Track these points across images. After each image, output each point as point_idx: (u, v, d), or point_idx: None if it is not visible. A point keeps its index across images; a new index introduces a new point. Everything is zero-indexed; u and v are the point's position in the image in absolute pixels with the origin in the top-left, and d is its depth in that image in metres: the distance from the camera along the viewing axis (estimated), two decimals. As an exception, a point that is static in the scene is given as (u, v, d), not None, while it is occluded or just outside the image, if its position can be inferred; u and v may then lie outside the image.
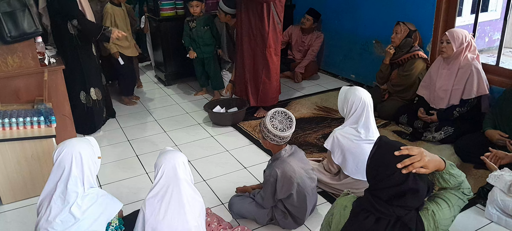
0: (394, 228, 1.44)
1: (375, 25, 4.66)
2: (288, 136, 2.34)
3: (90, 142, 2.01)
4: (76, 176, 1.85)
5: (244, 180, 2.99)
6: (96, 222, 1.90)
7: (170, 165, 1.91)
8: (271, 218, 2.49)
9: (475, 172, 2.98)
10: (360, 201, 1.55)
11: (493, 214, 2.45)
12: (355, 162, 2.62)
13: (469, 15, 6.10)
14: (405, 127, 3.75)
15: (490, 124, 3.11)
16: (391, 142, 1.51)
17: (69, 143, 1.91)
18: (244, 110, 4.08)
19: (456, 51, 3.30)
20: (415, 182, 1.40)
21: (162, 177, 1.91)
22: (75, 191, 1.85)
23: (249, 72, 4.01)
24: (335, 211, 1.62)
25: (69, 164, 1.85)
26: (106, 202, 1.95)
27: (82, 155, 1.87)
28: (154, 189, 1.92)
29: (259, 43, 3.85)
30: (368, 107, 2.60)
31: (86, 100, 3.71)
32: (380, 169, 1.43)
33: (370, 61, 4.79)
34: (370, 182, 1.50)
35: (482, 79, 3.27)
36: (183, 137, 3.80)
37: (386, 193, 1.42)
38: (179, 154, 1.98)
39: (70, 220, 1.83)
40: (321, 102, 4.50)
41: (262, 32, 3.79)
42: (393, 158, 1.42)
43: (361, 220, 1.47)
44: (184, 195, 1.92)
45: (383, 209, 1.43)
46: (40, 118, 2.75)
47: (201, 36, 4.50)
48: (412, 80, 3.83)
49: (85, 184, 1.88)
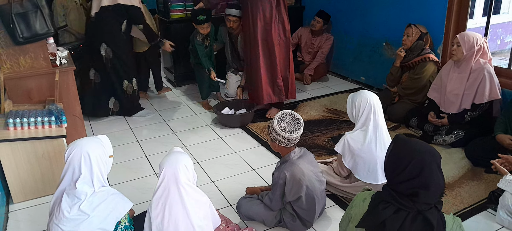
0: (415, 221, 1.45)
1: (385, 27, 4.63)
2: (296, 138, 2.33)
3: (102, 141, 2.01)
4: (85, 176, 1.86)
5: (253, 182, 2.99)
6: (106, 221, 1.91)
7: (171, 168, 1.92)
8: (279, 220, 2.48)
9: (486, 177, 2.95)
10: (379, 194, 1.57)
11: (504, 219, 2.41)
12: (366, 166, 2.60)
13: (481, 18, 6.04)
14: (415, 130, 3.71)
15: (501, 128, 3.07)
16: (407, 138, 1.57)
17: (79, 143, 1.92)
18: (252, 112, 4.08)
19: (466, 54, 3.26)
20: (430, 174, 1.43)
21: (163, 180, 1.92)
22: (85, 190, 1.86)
23: (268, 71, 3.97)
24: (354, 203, 1.64)
25: (78, 164, 1.86)
26: (116, 201, 1.96)
27: (91, 154, 1.88)
28: (157, 192, 1.93)
29: (282, 35, 3.92)
30: (375, 108, 2.58)
31: (128, 89, 4.19)
32: (397, 163, 1.48)
33: (380, 63, 4.76)
34: (388, 177, 1.54)
35: (495, 84, 3.22)
36: (192, 138, 3.81)
37: (404, 187, 1.45)
38: (182, 157, 1.98)
39: (79, 218, 1.84)
40: (330, 105, 4.48)
41: (283, 22, 3.89)
42: (408, 151, 1.47)
43: (380, 210, 1.49)
44: (186, 198, 1.93)
45: (404, 202, 1.46)
46: (51, 118, 2.78)
47: (213, 50, 4.55)
48: (422, 83, 3.80)
49: (95, 184, 1.89)
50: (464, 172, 3.05)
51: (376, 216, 1.50)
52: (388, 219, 1.46)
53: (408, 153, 1.47)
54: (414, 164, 1.43)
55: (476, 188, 2.83)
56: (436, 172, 1.44)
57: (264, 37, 3.88)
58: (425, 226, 1.44)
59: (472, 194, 2.77)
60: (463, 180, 2.94)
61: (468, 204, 2.67)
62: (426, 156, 1.45)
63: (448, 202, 2.68)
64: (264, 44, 3.90)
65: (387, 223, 1.46)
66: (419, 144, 1.53)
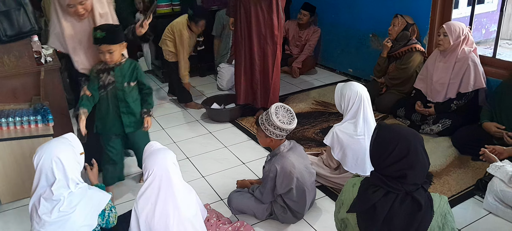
0: (403, 202, 1.50)
1: (372, 19, 4.65)
2: (292, 128, 2.35)
3: (69, 140, 1.95)
4: (60, 179, 1.82)
5: (243, 176, 2.99)
6: (89, 216, 1.89)
7: (161, 169, 1.88)
8: (270, 213, 2.50)
9: (473, 164, 2.99)
10: (368, 179, 1.62)
11: (492, 205, 2.46)
12: (354, 157, 2.63)
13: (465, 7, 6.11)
14: (402, 120, 3.75)
15: (487, 116, 3.12)
16: (389, 124, 1.65)
17: (47, 148, 1.85)
18: (241, 106, 4.07)
19: (453, 44, 3.30)
20: (416, 155, 1.49)
21: (153, 181, 1.88)
22: (62, 193, 1.82)
23: (259, 73, 3.82)
24: (345, 189, 1.68)
25: (51, 169, 1.81)
26: (95, 195, 1.94)
27: (61, 158, 1.82)
28: (146, 192, 1.89)
29: (269, 42, 3.68)
30: (365, 100, 2.61)
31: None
32: (383, 148, 1.52)
33: (368, 55, 4.79)
34: (375, 163, 1.58)
35: (479, 73, 3.27)
36: (181, 133, 3.80)
37: (392, 170, 1.50)
38: (168, 154, 1.96)
39: (62, 219, 1.81)
40: (319, 97, 4.50)
41: (272, 29, 3.64)
42: (393, 136, 1.52)
43: (370, 194, 1.53)
44: (178, 197, 1.91)
45: (393, 184, 1.50)
46: (37, 117, 2.75)
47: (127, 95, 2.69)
48: (409, 74, 3.83)
49: (71, 186, 1.84)
50: (451, 160, 3.09)
51: (366, 200, 1.54)
52: (378, 202, 1.51)
53: (394, 137, 1.52)
54: (400, 147, 1.49)
55: (463, 176, 2.88)
56: (421, 152, 1.51)
57: (248, 36, 3.73)
58: (414, 206, 1.49)
59: (459, 182, 2.81)
60: (450, 168, 2.98)
61: (455, 191, 2.71)
62: (410, 137, 1.51)
63: (435, 189, 2.72)
64: (247, 42, 3.76)
65: (377, 206, 1.50)
66: (402, 128, 1.61)
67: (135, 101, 2.68)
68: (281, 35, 3.74)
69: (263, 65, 3.80)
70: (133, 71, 2.62)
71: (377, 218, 1.50)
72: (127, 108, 2.64)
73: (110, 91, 2.60)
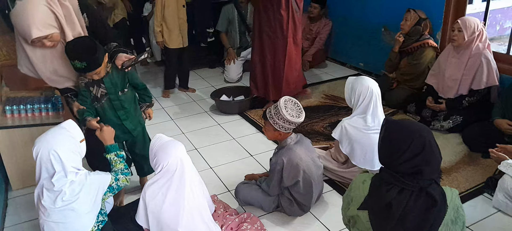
0: (419, 199, 1.48)
1: (384, 12, 4.60)
2: (301, 121, 2.34)
3: (67, 130, 1.90)
4: (59, 171, 1.81)
5: (251, 168, 2.99)
6: (92, 202, 1.90)
7: (177, 159, 1.91)
8: (277, 205, 2.50)
9: (483, 162, 2.96)
10: (379, 176, 1.58)
11: (501, 202, 2.43)
12: (363, 152, 2.62)
13: (480, 3, 6.00)
14: (413, 116, 3.72)
15: (499, 113, 3.07)
16: (398, 120, 1.62)
17: (44, 140, 1.83)
18: (250, 98, 4.07)
19: (467, 40, 3.24)
20: (431, 150, 1.47)
21: (168, 171, 1.90)
22: (63, 183, 1.82)
23: (270, 66, 3.86)
24: (354, 186, 1.65)
25: (49, 162, 1.80)
26: (95, 181, 1.93)
27: (58, 151, 1.80)
28: (158, 182, 1.91)
29: (279, 35, 3.71)
30: (376, 96, 2.59)
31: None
32: (397, 145, 1.49)
33: (379, 49, 4.74)
34: (387, 161, 1.55)
35: (492, 70, 3.21)
36: (190, 124, 3.81)
37: (407, 166, 1.47)
38: (181, 146, 1.98)
39: (67, 207, 1.83)
40: (329, 91, 4.48)
41: (281, 23, 3.67)
42: (407, 132, 1.49)
43: (383, 192, 1.51)
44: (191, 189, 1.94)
45: (408, 181, 1.47)
46: (48, 105, 2.78)
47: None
48: (421, 69, 3.79)
49: (70, 176, 1.83)
50: (461, 157, 3.06)
51: (380, 198, 1.52)
52: (394, 200, 1.48)
53: (407, 134, 1.49)
54: (415, 143, 1.46)
55: (472, 173, 2.85)
56: (435, 146, 1.49)
57: (267, 35, 3.75)
58: (428, 202, 1.47)
59: (468, 179, 2.78)
60: (460, 165, 2.95)
61: (464, 188, 2.68)
62: (424, 133, 1.49)
63: (444, 186, 2.69)
64: (268, 42, 3.77)
65: (394, 203, 1.48)
66: (412, 123, 1.59)
67: (133, 102, 2.54)
68: (294, 30, 3.74)
69: (274, 59, 3.82)
70: (124, 77, 2.43)
71: (392, 216, 1.48)
72: (127, 114, 2.48)
73: (106, 103, 2.40)
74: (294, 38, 3.78)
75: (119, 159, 2.15)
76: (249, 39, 4.93)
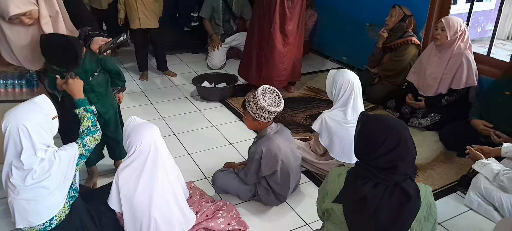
0: (393, 193, 1.49)
1: (370, 7, 4.60)
2: (279, 111, 2.32)
3: (40, 105, 1.82)
4: (28, 148, 1.74)
5: (229, 156, 2.97)
6: (62, 178, 1.84)
7: (150, 141, 1.88)
8: (253, 194, 2.49)
9: (458, 160, 3.01)
10: (355, 170, 1.59)
11: (474, 201, 2.48)
12: (341, 145, 2.63)
13: (464, 4, 6.07)
14: (392, 112, 3.75)
15: (476, 113, 3.12)
16: (374, 115, 1.62)
17: (14, 113, 1.77)
18: (232, 86, 4.04)
19: (450, 39, 3.28)
20: (406, 146, 1.48)
21: (141, 153, 1.87)
22: (32, 161, 1.76)
23: (256, 55, 3.86)
24: (330, 179, 1.66)
25: (18, 137, 1.73)
26: (64, 156, 1.85)
27: (28, 126, 1.73)
28: (132, 164, 1.88)
29: (266, 23, 3.71)
30: (356, 89, 2.59)
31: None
32: (373, 139, 1.49)
33: (363, 44, 4.75)
34: (361, 156, 1.56)
35: (472, 71, 3.26)
36: (169, 109, 3.76)
37: (382, 161, 1.48)
38: (155, 128, 1.95)
39: (36, 186, 1.77)
40: (311, 83, 4.48)
41: (270, 9, 3.66)
42: (383, 127, 1.50)
43: (358, 186, 1.51)
44: (165, 172, 1.92)
45: (383, 175, 1.48)
46: (22, 81, 2.71)
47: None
48: (403, 66, 3.82)
49: (39, 153, 1.77)
50: (436, 154, 3.10)
51: (355, 192, 1.52)
52: (368, 194, 1.49)
53: (383, 128, 1.50)
54: (391, 139, 1.47)
55: (447, 171, 2.90)
56: (410, 142, 1.50)
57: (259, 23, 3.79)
58: (403, 197, 1.49)
59: (443, 176, 2.83)
60: (435, 162, 2.99)
61: (438, 186, 2.73)
62: (400, 128, 1.49)
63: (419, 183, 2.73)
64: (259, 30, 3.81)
65: (368, 197, 1.48)
66: (389, 118, 1.59)
67: (105, 85, 2.44)
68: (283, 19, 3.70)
69: (260, 48, 3.81)
70: (97, 62, 2.34)
71: (367, 210, 1.49)
72: (98, 97, 2.38)
73: None
74: (283, 28, 3.71)
75: (88, 113, 2.07)
76: (234, 26, 4.88)
